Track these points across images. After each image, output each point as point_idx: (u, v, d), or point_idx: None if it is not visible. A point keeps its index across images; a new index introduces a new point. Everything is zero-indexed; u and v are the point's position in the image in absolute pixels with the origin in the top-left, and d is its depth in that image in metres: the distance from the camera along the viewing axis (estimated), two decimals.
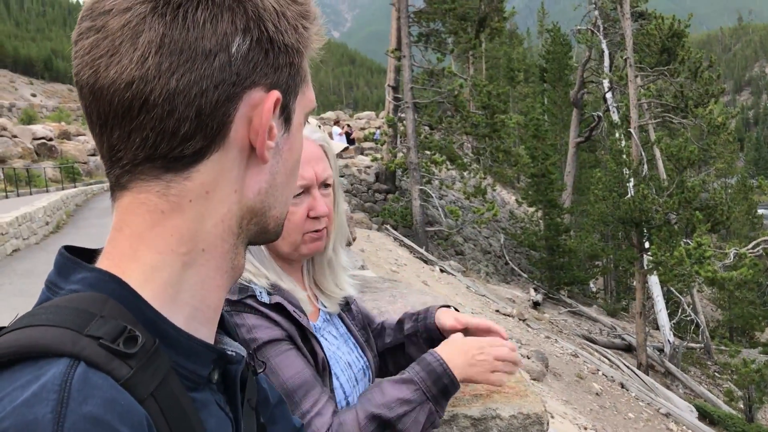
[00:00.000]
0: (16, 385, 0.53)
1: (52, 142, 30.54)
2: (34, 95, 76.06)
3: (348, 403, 1.48)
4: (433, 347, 1.52)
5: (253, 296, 1.40)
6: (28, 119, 37.21)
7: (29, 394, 0.52)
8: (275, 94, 0.66)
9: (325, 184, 1.51)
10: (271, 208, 0.72)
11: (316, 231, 1.49)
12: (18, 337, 0.57)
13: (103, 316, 0.59)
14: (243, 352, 0.76)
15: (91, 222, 17.24)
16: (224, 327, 0.78)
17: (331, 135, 23.24)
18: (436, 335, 1.64)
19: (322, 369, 1.43)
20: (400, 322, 1.73)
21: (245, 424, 0.75)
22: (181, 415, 0.61)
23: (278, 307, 1.42)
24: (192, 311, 0.67)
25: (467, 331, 1.62)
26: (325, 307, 1.58)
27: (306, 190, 1.47)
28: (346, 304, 1.63)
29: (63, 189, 24.26)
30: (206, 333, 0.69)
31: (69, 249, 0.67)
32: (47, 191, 24.14)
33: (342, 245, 1.63)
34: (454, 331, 1.61)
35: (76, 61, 0.64)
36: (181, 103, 0.61)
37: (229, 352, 0.71)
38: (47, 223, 15.42)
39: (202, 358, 0.66)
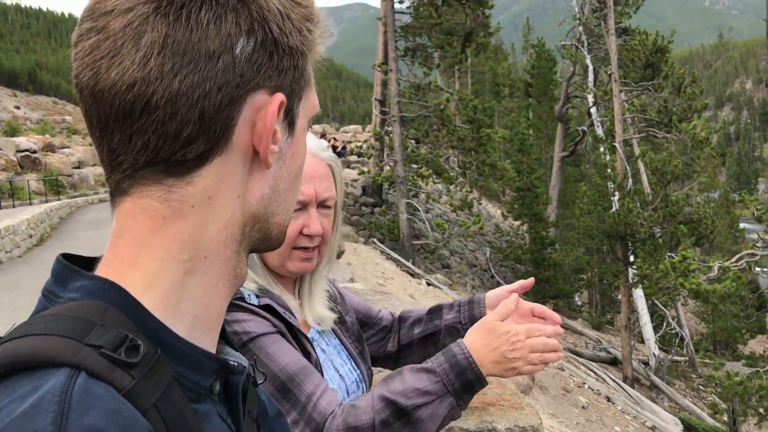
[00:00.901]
0: (13, 396, 0.51)
1: (36, 155, 30.30)
2: (17, 107, 75.46)
3: None
4: None
5: (241, 298, 1.39)
6: (12, 131, 36.90)
7: (28, 405, 0.50)
8: (279, 96, 0.65)
9: (325, 205, 1.49)
10: (275, 214, 0.70)
11: (306, 249, 1.46)
12: (15, 346, 0.55)
13: (104, 325, 0.57)
14: (245, 362, 0.74)
15: (76, 235, 17.09)
16: (225, 337, 0.76)
17: None
18: None
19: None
20: (434, 312, 1.67)
21: None
22: (184, 426, 0.59)
23: (267, 308, 1.40)
24: (194, 320, 0.65)
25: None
26: (318, 324, 1.55)
27: (303, 206, 1.45)
28: (340, 317, 1.61)
29: (47, 202, 24.04)
30: (208, 342, 0.67)
31: (67, 257, 0.65)
32: (31, 204, 23.91)
33: (329, 267, 1.60)
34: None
35: (76, 63, 0.62)
36: (183, 106, 0.60)
37: (232, 362, 0.69)
38: (31, 236, 15.27)
39: (205, 368, 0.64)
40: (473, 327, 1.40)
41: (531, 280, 1.55)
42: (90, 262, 0.66)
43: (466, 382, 1.32)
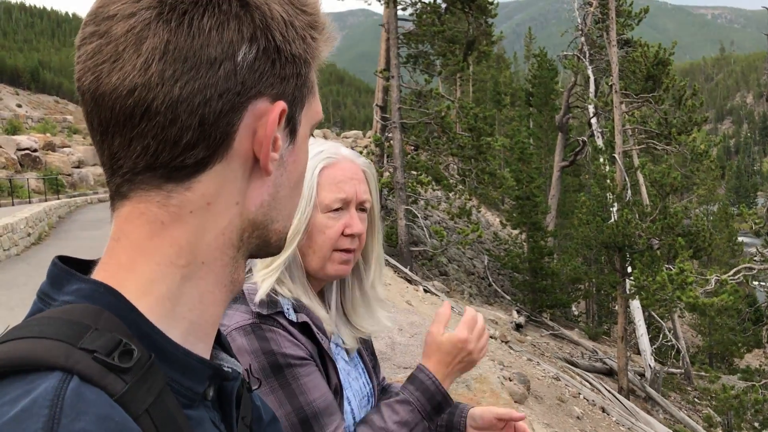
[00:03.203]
0: (5, 399, 0.51)
1: (36, 153, 30.30)
2: (19, 106, 75.44)
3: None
4: None
5: (280, 312, 1.37)
6: (13, 129, 36.89)
7: (19, 409, 0.50)
8: (281, 104, 0.65)
9: (362, 207, 1.49)
10: (274, 221, 0.70)
11: (347, 251, 1.45)
12: (7, 349, 0.54)
13: (98, 329, 0.57)
14: (239, 368, 0.74)
15: (74, 234, 17.07)
16: (220, 342, 0.75)
17: None
18: None
19: (334, 394, 1.41)
20: None
21: None
22: None
23: (304, 326, 1.39)
24: (189, 326, 0.65)
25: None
26: (343, 342, 1.54)
27: (345, 206, 1.45)
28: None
29: (46, 200, 24.02)
30: (203, 348, 0.67)
31: (63, 259, 0.64)
32: (30, 202, 23.89)
33: (380, 279, 1.59)
34: (484, 426, 1.58)
35: (78, 66, 0.63)
36: (183, 112, 0.60)
37: (226, 368, 0.69)
38: (29, 235, 15.24)
39: (198, 374, 0.64)
40: (426, 350, 1.53)
41: (522, 415, 1.57)
42: (86, 265, 0.66)
43: (437, 404, 1.46)
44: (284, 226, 0.72)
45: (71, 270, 0.62)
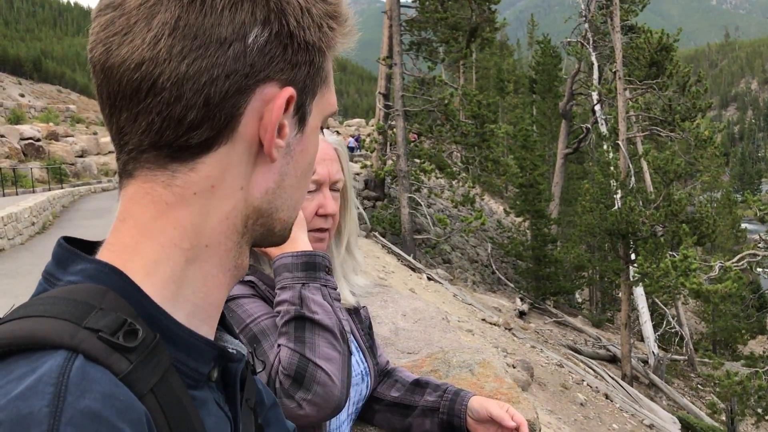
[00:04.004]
0: (10, 377, 0.51)
1: (39, 143, 30.32)
2: (22, 95, 75.47)
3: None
4: None
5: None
6: (16, 119, 36.93)
7: (24, 387, 0.50)
8: (289, 90, 0.64)
9: (334, 188, 1.52)
10: (279, 210, 0.70)
11: (321, 230, 1.49)
12: (13, 328, 0.55)
13: (103, 309, 0.57)
14: (244, 350, 0.74)
15: (78, 223, 17.11)
16: (225, 325, 0.76)
17: None
18: (457, 423, 1.54)
19: None
20: (420, 385, 1.65)
21: (243, 424, 0.73)
22: (181, 412, 0.59)
23: (250, 284, 1.45)
24: (193, 308, 0.65)
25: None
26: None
27: (318, 187, 1.48)
28: (355, 308, 1.62)
29: (50, 190, 24.06)
30: (207, 330, 0.67)
31: (68, 240, 0.65)
32: (34, 192, 23.94)
33: (354, 250, 1.62)
34: (482, 420, 1.52)
35: (92, 38, 0.63)
36: (189, 90, 0.60)
37: (231, 350, 0.69)
38: (33, 224, 15.29)
39: (204, 355, 0.64)
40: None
41: (513, 424, 1.49)
42: (91, 246, 0.66)
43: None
44: (289, 215, 0.72)
45: (76, 250, 0.62)
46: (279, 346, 1.32)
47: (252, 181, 0.66)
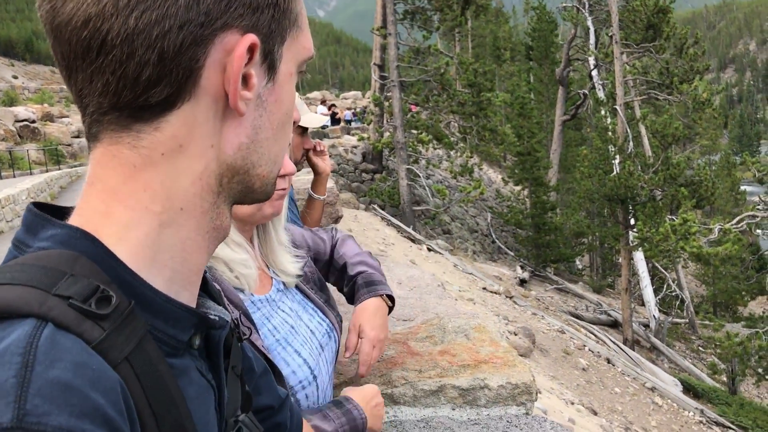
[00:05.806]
0: None
1: (35, 124, 30.14)
2: (15, 77, 74.87)
3: (315, 377, 1.47)
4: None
5: None
6: (10, 101, 36.65)
7: None
8: (250, 38, 0.59)
9: None
10: (255, 165, 0.65)
11: (282, 189, 1.51)
12: None
13: (74, 275, 0.54)
14: (227, 316, 0.71)
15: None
16: (207, 291, 0.73)
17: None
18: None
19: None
20: (352, 277, 1.82)
21: (229, 391, 0.71)
22: (158, 381, 0.56)
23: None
24: (172, 274, 0.62)
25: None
26: (279, 278, 1.57)
27: None
28: (298, 275, 1.62)
29: (47, 171, 23.98)
30: (188, 297, 0.65)
31: (39, 205, 0.62)
32: (31, 173, 23.87)
33: (282, 224, 1.63)
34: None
35: None
36: (141, 45, 0.55)
37: (212, 317, 0.66)
38: None
39: (182, 322, 0.61)
40: (356, 390, 1.53)
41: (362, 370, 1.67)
42: (63, 212, 0.63)
43: None
44: (269, 171, 0.67)
45: (46, 216, 0.60)
46: None
47: (223, 137, 0.62)
